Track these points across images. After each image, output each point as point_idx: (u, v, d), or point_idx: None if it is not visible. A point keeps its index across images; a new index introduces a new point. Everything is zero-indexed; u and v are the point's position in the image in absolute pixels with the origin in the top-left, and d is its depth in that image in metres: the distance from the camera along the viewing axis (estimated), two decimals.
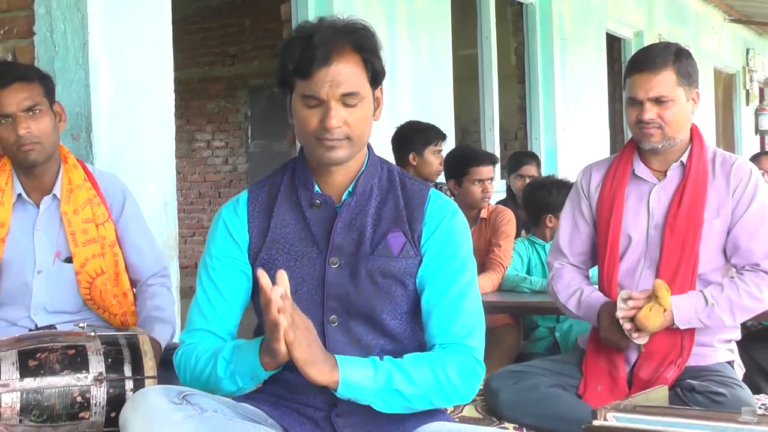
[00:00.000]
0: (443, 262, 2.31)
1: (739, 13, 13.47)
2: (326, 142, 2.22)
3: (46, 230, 3.27)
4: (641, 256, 3.13)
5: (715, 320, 3.01)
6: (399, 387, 2.16)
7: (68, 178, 3.28)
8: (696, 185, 3.08)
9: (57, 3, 3.98)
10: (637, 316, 2.93)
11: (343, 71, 2.21)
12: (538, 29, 8.43)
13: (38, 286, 3.27)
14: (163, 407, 2.18)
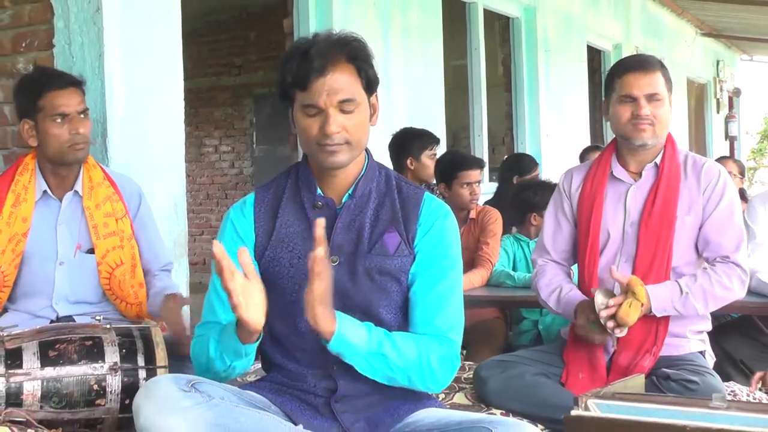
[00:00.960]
0: (434, 260, 2.32)
1: (710, 27, 13.49)
2: (327, 148, 2.23)
3: (68, 224, 3.30)
4: (618, 251, 3.13)
5: (689, 308, 3.02)
6: (387, 353, 2.19)
7: (89, 177, 3.32)
8: (669, 185, 3.08)
9: (75, 17, 3.99)
10: (618, 313, 2.92)
11: (339, 80, 2.23)
12: (524, 41, 8.43)
13: (60, 277, 3.29)
14: (173, 394, 2.19)
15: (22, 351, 2.80)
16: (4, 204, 3.23)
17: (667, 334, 3.06)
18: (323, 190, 2.35)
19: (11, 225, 3.22)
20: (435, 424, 2.22)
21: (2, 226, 3.21)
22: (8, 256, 3.22)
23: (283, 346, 2.37)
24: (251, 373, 3.15)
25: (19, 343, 2.82)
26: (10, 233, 3.22)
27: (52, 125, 3.19)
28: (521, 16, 8.40)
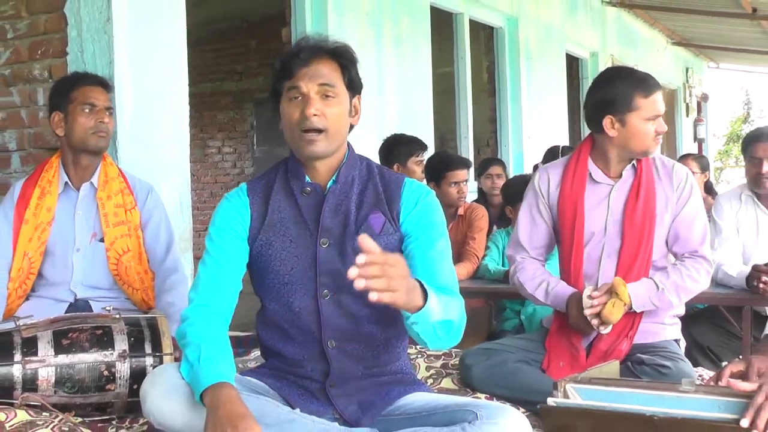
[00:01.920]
0: (422, 230, 2.33)
1: (680, 36, 13.52)
2: (307, 135, 2.24)
3: (85, 213, 3.36)
4: (602, 247, 3.13)
5: (665, 303, 3.04)
6: (451, 318, 2.17)
7: (105, 172, 3.39)
8: (648, 184, 3.09)
9: (87, 27, 4.01)
10: (603, 312, 2.94)
11: (321, 69, 2.27)
12: (507, 50, 8.43)
13: (77, 263, 3.34)
14: (178, 382, 2.20)
15: (38, 339, 2.80)
16: (32, 197, 3.31)
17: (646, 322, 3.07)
18: (310, 177, 2.35)
19: (37, 215, 3.30)
20: (424, 407, 2.22)
21: (29, 217, 3.29)
22: (35, 243, 3.28)
23: (280, 329, 2.36)
24: (251, 360, 3.15)
25: (35, 332, 2.83)
26: (36, 222, 3.29)
27: (81, 114, 3.30)
28: (504, 26, 8.41)
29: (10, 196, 3.35)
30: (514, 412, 2.22)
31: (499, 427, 2.13)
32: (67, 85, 3.35)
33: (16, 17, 4.26)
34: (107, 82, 3.43)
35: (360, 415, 2.29)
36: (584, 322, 3.00)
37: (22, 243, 3.27)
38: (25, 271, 3.27)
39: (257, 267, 2.36)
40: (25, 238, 3.27)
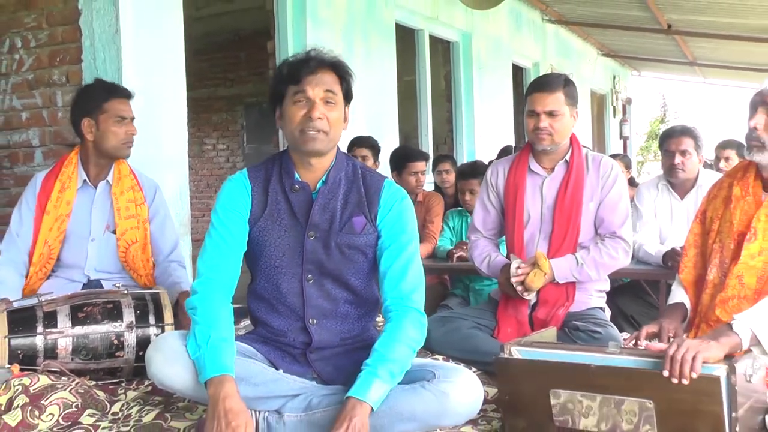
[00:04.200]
0: (395, 236, 2.31)
1: (608, 49, 13.60)
2: (309, 132, 2.22)
3: (100, 208, 3.32)
4: (537, 229, 3.15)
5: (584, 275, 3.07)
6: (399, 372, 2.14)
7: (118, 170, 3.35)
8: (577, 177, 3.11)
9: (98, 37, 4.00)
10: (525, 280, 2.99)
11: (325, 78, 2.26)
12: (462, 61, 8.44)
13: (91, 251, 3.30)
14: (178, 348, 2.19)
15: (57, 313, 2.80)
16: (53, 190, 3.27)
17: (578, 293, 3.10)
18: (300, 176, 2.33)
19: (58, 208, 3.26)
20: None
21: (50, 209, 3.25)
22: (54, 233, 3.25)
23: (268, 303, 2.35)
24: (241, 328, 3.14)
25: (54, 307, 2.81)
26: (56, 214, 3.25)
27: (113, 125, 3.25)
28: (459, 41, 8.40)
29: (32, 187, 3.30)
30: (466, 372, 2.24)
31: (453, 385, 2.15)
32: (101, 96, 3.27)
33: (38, 28, 4.23)
34: (131, 94, 3.38)
35: (335, 376, 2.30)
36: (511, 288, 3.03)
37: (43, 231, 3.23)
38: (45, 256, 3.23)
39: (253, 249, 2.34)
40: (46, 228, 3.23)
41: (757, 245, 2.28)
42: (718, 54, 11.92)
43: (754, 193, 2.36)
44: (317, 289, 2.31)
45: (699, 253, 2.50)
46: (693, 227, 2.54)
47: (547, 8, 10.32)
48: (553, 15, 10.63)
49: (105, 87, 3.34)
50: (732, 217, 2.37)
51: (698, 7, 8.78)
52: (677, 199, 4.06)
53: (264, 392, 2.19)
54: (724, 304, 2.30)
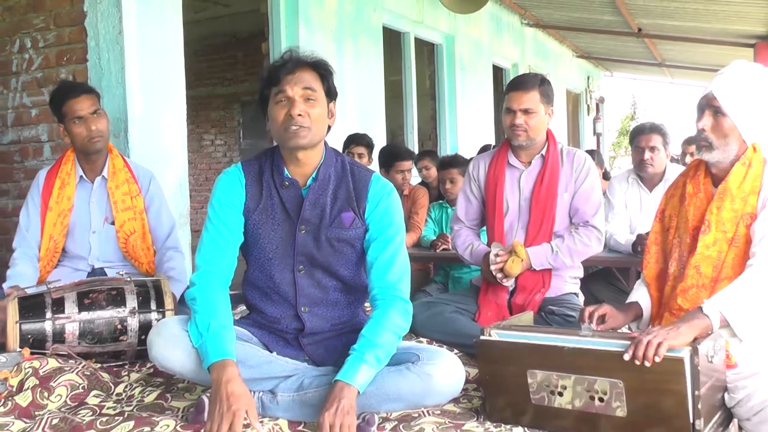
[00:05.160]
0: (382, 229, 2.30)
1: (583, 51, 13.62)
2: (292, 129, 2.19)
3: (98, 201, 3.29)
4: (516, 219, 3.16)
5: (559, 262, 3.08)
6: (384, 357, 2.14)
7: (113, 164, 3.31)
8: (552, 171, 3.11)
9: (103, 38, 3.99)
10: (504, 267, 3.00)
11: (304, 76, 2.23)
12: (445, 62, 8.43)
13: (93, 242, 3.29)
14: (177, 332, 2.18)
15: (65, 300, 2.79)
16: (53, 187, 3.25)
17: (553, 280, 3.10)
18: (290, 172, 2.31)
19: (59, 203, 3.24)
20: None
21: (53, 205, 3.24)
22: (58, 227, 3.24)
23: (262, 292, 2.35)
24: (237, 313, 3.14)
25: (62, 294, 2.80)
26: (59, 210, 3.25)
27: (74, 126, 3.20)
28: (443, 43, 8.40)
29: (36, 185, 3.29)
30: (449, 354, 2.24)
31: (436, 366, 2.15)
32: (57, 101, 3.22)
33: (46, 29, 4.22)
34: (88, 88, 3.30)
35: (326, 358, 2.30)
36: (492, 275, 3.04)
37: (47, 227, 3.22)
38: (51, 250, 3.23)
39: (247, 240, 2.33)
40: (50, 223, 3.22)
41: (711, 236, 2.31)
42: (684, 56, 11.97)
43: (705, 189, 2.39)
44: (308, 279, 2.30)
45: (660, 250, 2.52)
46: (654, 226, 2.56)
47: (525, 13, 10.32)
48: (531, 19, 10.63)
49: (60, 91, 3.27)
50: (687, 213, 2.40)
51: (666, 12, 8.81)
52: (646, 191, 4.08)
53: (258, 374, 2.19)
54: (684, 293, 2.32)
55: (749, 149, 2.33)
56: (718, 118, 2.30)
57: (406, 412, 2.23)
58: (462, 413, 2.29)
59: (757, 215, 2.27)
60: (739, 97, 2.26)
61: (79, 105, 3.19)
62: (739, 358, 2.14)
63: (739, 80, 2.28)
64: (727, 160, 2.33)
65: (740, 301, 2.12)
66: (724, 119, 2.29)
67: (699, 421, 1.90)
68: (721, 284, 2.25)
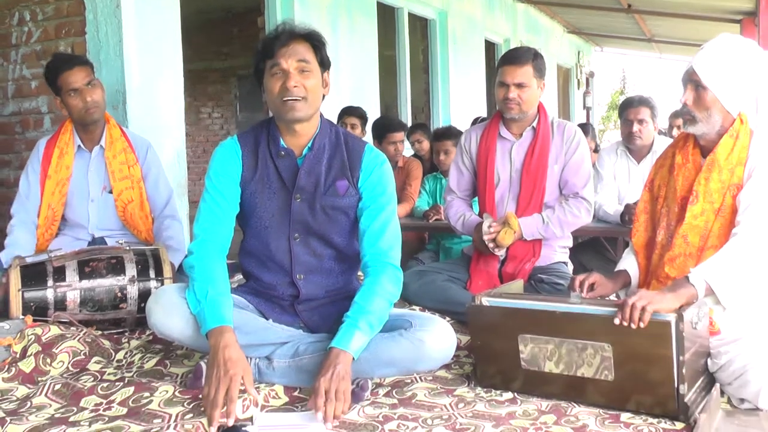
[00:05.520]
0: (374, 198, 2.30)
1: (574, 26, 13.54)
2: (288, 102, 2.18)
3: (96, 170, 3.28)
4: (507, 190, 3.15)
5: (549, 233, 3.08)
6: (377, 323, 2.14)
7: (110, 134, 3.29)
8: (543, 142, 3.10)
9: (101, 11, 3.95)
10: (497, 238, 3.00)
11: (298, 49, 2.21)
12: (438, 37, 8.38)
13: (92, 211, 3.28)
14: (176, 300, 2.18)
15: (66, 268, 2.78)
16: (53, 156, 3.23)
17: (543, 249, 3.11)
18: (286, 143, 2.29)
19: (58, 172, 3.23)
20: None
21: (52, 173, 3.22)
22: (57, 196, 3.23)
23: (259, 260, 2.35)
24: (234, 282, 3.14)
25: (63, 262, 2.80)
26: (57, 178, 3.23)
27: (69, 98, 3.18)
28: (436, 18, 8.34)
29: (36, 153, 3.27)
30: (441, 321, 2.25)
31: (428, 333, 2.16)
32: (52, 74, 3.20)
33: (45, 2, 4.17)
34: (81, 59, 3.27)
35: (321, 324, 2.31)
36: (484, 245, 3.04)
37: (46, 195, 3.21)
38: (50, 218, 3.22)
39: (244, 210, 2.32)
40: (48, 192, 3.21)
41: (699, 206, 2.31)
42: (672, 31, 11.91)
43: (694, 160, 2.39)
44: (304, 247, 2.30)
45: (649, 219, 2.52)
46: (643, 195, 2.56)
47: None
48: None
49: (54, 64, 3.23)
50: (675, 183, 2.40)
51: None
52: (634, 163, 4.07)
53: (255, 340, 2.19)
54: (671, 261, 2.33)
55: (737, 121, 2.32)
56: (700, 92, 2.29)
57: (399, 378, 2.24)
58: (453, 379, 2.30)
59: (743, 186, 2.27)
60: (719, 69, 2.26)
61: (74, 77, 3.16)
62: (722, 324, 2.16)
63: (719, 53, 2.27)
64: (712, 132, 2.33)
65: (725, 271, 2.13)
66: (705, 92, 2.28)
67: (683, 385, 1.92)
68: (707, 253, 2.26)
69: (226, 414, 1.86)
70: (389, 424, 1.93)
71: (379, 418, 1.97)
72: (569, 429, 1.90)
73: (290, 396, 2.13)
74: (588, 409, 2.02)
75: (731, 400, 2.07)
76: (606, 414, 1.99)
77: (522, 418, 1.98)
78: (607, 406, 2.02)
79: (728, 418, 1.97)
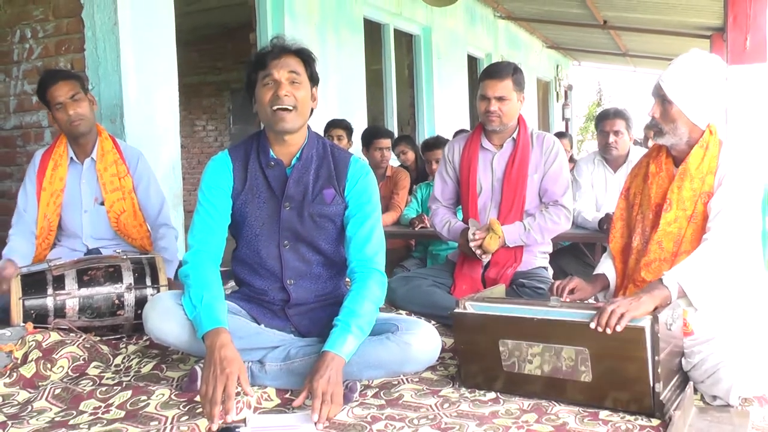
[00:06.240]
0: (360, 206, 2.30)
1: (552, 42, 13.60)
2: (279, 113, 2.19)
3: (88, 182, 3.25)
4: (489, 199, 3.16)
5: (531, 239, 3.08)
6: (367, 327, 2.14)
7: (102, 146, 3.26)
8: (522, 153, 3.11)
9: (99, 28, 3.95)
10: (483, 244, 2.99)
11: (289, 61, 2.23)
12: (423, 52, 8.39)
13: (86, 222, 3.25)
14: (171, 306, 2.18)
15: (65, 277, 2.77)
16: (47, 168, 3.21)
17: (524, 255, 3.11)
18: (275, 153, 2.30)
19: (52, 183, 3.21)
20: None
21: (46, 185, 3.20)
22: (51, 207, 3.20)
23: (250, 267, 2.35)
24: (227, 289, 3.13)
25: (62, 271, 2.79)
26: (51, 189, 3.21)
27: (57, 112, 3.16)
28: (421, 34, 8.35)
29: (32, 166, 3.25)
30: (426, 325, 2.25)
31: (414, 336, 2.16)
32: (42, 90, 3.17)
33: (45, 20, 4.17)
34: (67, 74, 3.23)
35: (311, 329, 2.30)
36: (470, 250, 3.04)
37: (42, 206, 3.19)
38: (45, 229, 3.20)
39: (236, 219, 2.32)
40: (44, 203, 3.19)
41: (673, 213, 2.33)
42: (646, 46, 12.00)
43: (667, 169, 2.41)
44: (293, 253, 2.30)
45: (625, 225, 2.54)
46: (619, 203, 2.58)
47: (498, 6, 10.28)
48: (503, 12, 10.60)
49: (43, 80, 3.21)
50: (650, 192, 2.42)
51: (630, 5, 8.82)
52: (611, 172, 4.10)
53: (248, 344, 2.19)
54: (647, 266, 2.35)
55: (706, 132, 2.35)
56: (666, 106, 2.32)
57: (386, 379, 2.24)
58: (438, 380, 2.30)
59: (714, 193, 2.29)
60: (683, 84, 2.29)
61: (58, 92, 3.13)
62: (695, 325, 2.17)
63: (684, 70, 2.30)
64: (681, 143, 2.35)
65: (696, 274, 2.14)
66: (670, 106, 2.31)
67: (658, 384, 1.93)
68: (681, 257, 2.28)
69: (224, 411, 1.86)
70: (377, 424, 1.92)
71: (367, 418, 1.97)
72: (550, 427, 1.90)
73: (282, 398, 2.13)
74: (568, 408, 2.02)
75: (704, 397, 2.08)
76: (585, 412, 1.99)
77: (505, 417, 1.98)
78: (586, 404, 2.03)
79: (701, 415, 1.98)
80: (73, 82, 3.19)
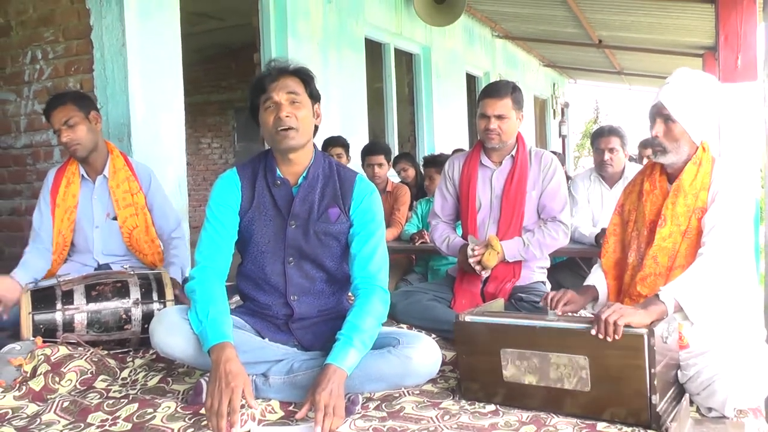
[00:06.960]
0: (364, 225, 2.31)
1: (549, 60, 13.66)
2: (282, 132, 2.20)
3: (100, 199, 3.26)
4: (488, 215, 3.16)
5: (530, 255, 3.08)
6: (369, 341, 2.14)
7: (113, 164, 3.27)
8: (521, 170, 3.12)
9: (108, 50, 3.97)
10: (482, 260, 3.00)
11: (288, 82, 2.24)
12: (422, 70, 8.43)
13: (97, 237, 3.25)
14: (177, 321, 2.18)
15: (74, 292, 2.77)
16: (60, 185, 3.22)
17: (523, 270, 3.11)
18: (282, 172, 2.31)
19: (65, 201, 3.22)
20: None
21: (60, 202, 3.21)
22: (65, 223, 3.21)
23: (255, 283, 2.35)
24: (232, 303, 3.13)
25: (71, 286, 2.79)
26: (65, 206, 3.22)
27: (58, 137, 3.18)
28: (420, 53, 8.39)
29: (45, 184, 3.26)
30: (427, 338, 2.25)
31: (415, 349, 2.17)
32: (46, 114, 3.18)
33: (55, 42, 4.19)
34: (63, 99, 3.18)
35: (314, 343, 2.31)
36: (469, 266, 3.04)
37: (56, 223, 3.20)
38: (60, 245, 3.21)
39: (242, 236, 2.33)
40: (58, 219, 3.19)
41: (667, 229, 2.34)
42: (640, 65, 12.05)
43: (661, 186, 2.42)
44: (297, 270, 2.30)
45: (618, 241, 2.55)
46: (613, 219, 2.59)
47: (495, 25, 10.34)
48: (500, 31, 10.65)
49: (46, 106, 3.20)
50: (644, 208, 2.43)
51: (624, 25, 8.87)
52: (607, 188, 4.11)
53: (252, 358, 2.19)
54: (643, 281, 2.35)
55: (699, 149, 2.36)
56: (669, 125, 2.33)
57: (388, 392, 2.24)
58: (439, 392, 2.30)
59: (707, 209, 2.30)
60: (685, 103, 2.30)
61: (53, 119, 3.14)
62: (690, 339, 2.17)
63: (684, 88, 2.31)
64: (680, 161, 2.37)
65: (692, 288, 2.15)
66: (674, 125, 2.32)
67: (655, 396, 1.92)
68: (675, 272, 2.28)
69: (229, 424, 1.86)
70: None
71: (369, 430, 1.96)
72: None
73: (286, 411, 2.13)
74: (566, 420, 2.02)
75: (700, 409, 2.08)
76: (583, 424, 1.99)
77: (504, 428, 1.98)
78: (584, 416, 2.02)
79: (697, 426, 1.98)
80: (70, 106, 3.16)
